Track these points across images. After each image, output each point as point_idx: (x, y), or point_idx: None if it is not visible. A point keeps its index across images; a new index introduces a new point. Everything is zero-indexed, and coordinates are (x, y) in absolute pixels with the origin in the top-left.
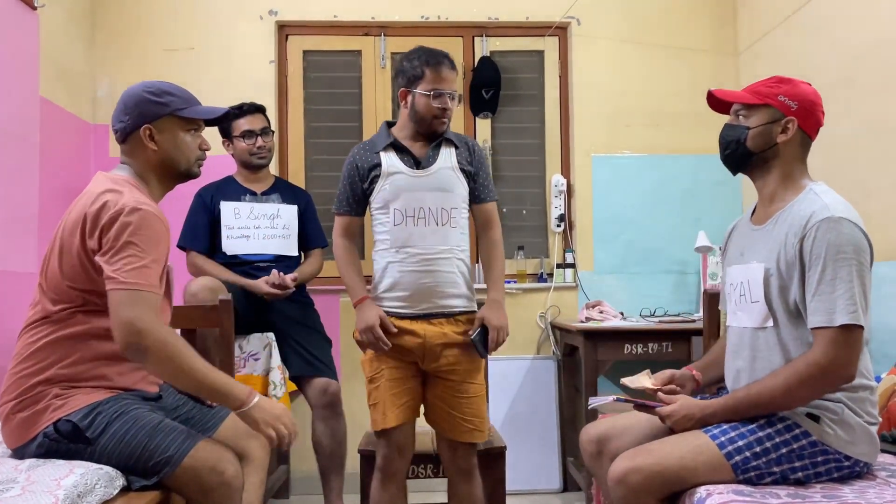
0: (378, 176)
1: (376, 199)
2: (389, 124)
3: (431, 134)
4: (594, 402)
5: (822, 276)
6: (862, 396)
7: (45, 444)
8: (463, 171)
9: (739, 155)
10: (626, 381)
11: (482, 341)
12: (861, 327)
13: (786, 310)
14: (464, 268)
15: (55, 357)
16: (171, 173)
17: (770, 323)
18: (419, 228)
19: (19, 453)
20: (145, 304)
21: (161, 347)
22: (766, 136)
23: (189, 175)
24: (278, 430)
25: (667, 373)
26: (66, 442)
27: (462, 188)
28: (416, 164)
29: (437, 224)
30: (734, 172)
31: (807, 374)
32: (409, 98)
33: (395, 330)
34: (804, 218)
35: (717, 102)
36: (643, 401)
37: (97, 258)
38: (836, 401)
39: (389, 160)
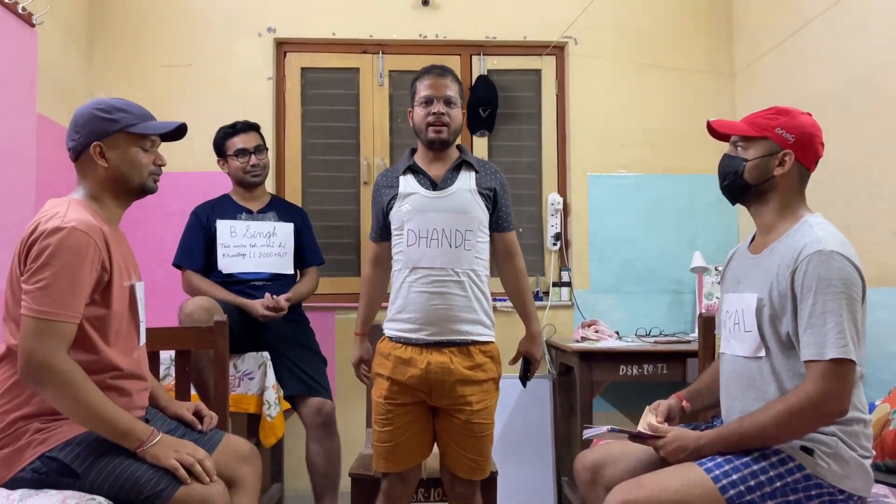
0: (395, 198)
1: (394, 220)
2: (413, 151)
3: (431, 143)
4: (589, 432)
5: (812, 310)
6: (856, 430)
7: (34, 479)
8: (483, 195)
9: (737, 186)
10: (641, 430)
11: (523, 374)
12: (852, 361)
13: (777, 340)
14: (480, 294)
15: (32, 391)
16: (124, 189)
17: (762, 353)
18: (431, 249)
19: (6, 488)
20: (52, 336)
21: (58, 383)
22: (763, 169)
23: (144, 190)
24: (181, 459)
25: (663, 408)
26: (55, 475)
27: (481, 212)
28: (433, 185)
29: (451, 246)
30: (733, 203)
31: (798, 408)
32: (411, 116)
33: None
34: (796, 250)
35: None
36: (638, 431)
37: (21, 282)
38: (830, 434)
39: (407, 182)
